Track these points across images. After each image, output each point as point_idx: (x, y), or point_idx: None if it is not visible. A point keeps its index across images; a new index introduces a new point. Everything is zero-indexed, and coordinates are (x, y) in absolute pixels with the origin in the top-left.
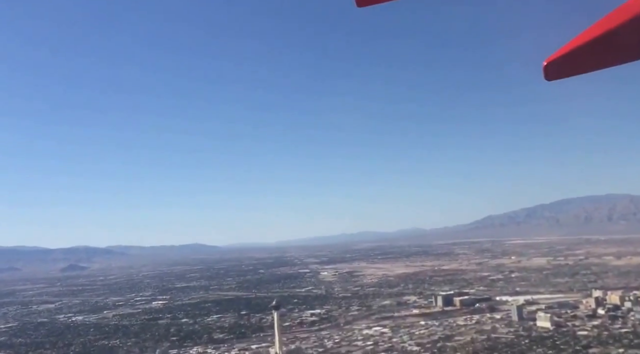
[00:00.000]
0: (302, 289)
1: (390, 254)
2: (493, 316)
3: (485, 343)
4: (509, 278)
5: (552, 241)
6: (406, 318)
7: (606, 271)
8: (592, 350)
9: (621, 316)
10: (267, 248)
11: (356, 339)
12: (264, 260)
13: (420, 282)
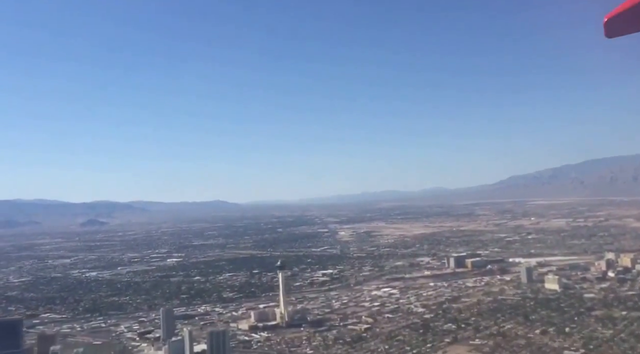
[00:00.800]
0: (317, 248)
1: (411, 214)
2: (503, 278)
3: (490, 304)
4: (525, 240)
5: (575, 202)
6: (417, 279)
7: (624, 233)
8: (595, 312)
9: (630, 279)
10: (289, 206)
11: (364, 300)
12: (284, 219)
13: (436, 243)
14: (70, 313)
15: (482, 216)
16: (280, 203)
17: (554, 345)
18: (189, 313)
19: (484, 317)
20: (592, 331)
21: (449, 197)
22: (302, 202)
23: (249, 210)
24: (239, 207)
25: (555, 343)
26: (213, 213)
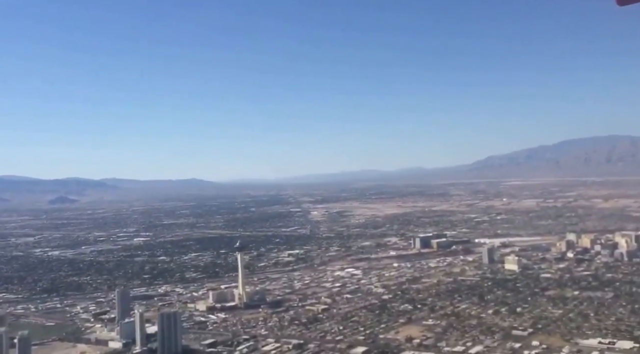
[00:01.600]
0: (288, 228)
1: (386, 194)
2: (466, 259)
3: (449, 285)
4: (494, 220)
5: (549, 182)
6: (382, 259)
7: (590, 214)
8: (548, 292)
9: (588, 259)
10: (266, 185)
11: (326, 281)
12: (259, 198)
13: (407, 223)
14: (27, 293)
15: (456, 196)
16: (258, 182)
17: (504, 325)
18: (149, 294)
19: (441, 297)
20: (542, 311)
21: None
22: (280, 181)
23: (225, 189)
24: (214, 185)
25: (505, 322)
26: (187, 192)
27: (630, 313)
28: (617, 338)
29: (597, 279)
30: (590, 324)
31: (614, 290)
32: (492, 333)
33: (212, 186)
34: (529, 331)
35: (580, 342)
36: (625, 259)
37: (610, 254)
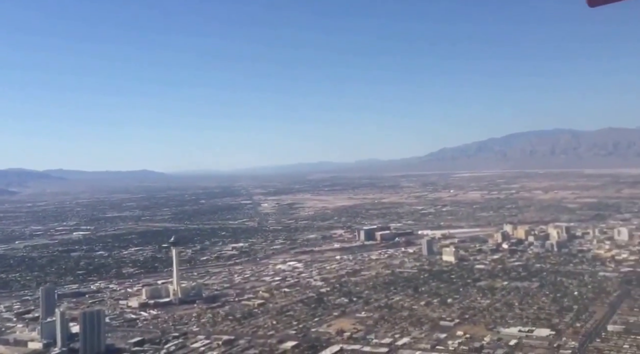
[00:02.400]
0: (236, 221)
1: (339, 186)
2: (407, 250)
3: (387, 277)
4: (440, 212)
5: (496, 174)
6: (325, 252)
7: (530, 205)
8: (480, 283)
9: (521, 250)
10: (220, 177)
11: (266, 275)
12: (211, 189)
13: (355, 215)
14: None
15: (406, 188)
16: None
17: (434, 316)
18: (81, 291)
19: (377, 290)
20: (471, 301)
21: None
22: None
23: (176, 180)
24: (166, 177)
25: (435, 313)
26: (137, 183)
27: (551, 301)
28: (536, 326)
29: (526, 269)
30: (514, 314)
31: (540, 280)
32: (421, 324)
33: (164, 178)
34: (455, 321)
35: (502, 331)
36: (555, 250)
37: (541, 245)
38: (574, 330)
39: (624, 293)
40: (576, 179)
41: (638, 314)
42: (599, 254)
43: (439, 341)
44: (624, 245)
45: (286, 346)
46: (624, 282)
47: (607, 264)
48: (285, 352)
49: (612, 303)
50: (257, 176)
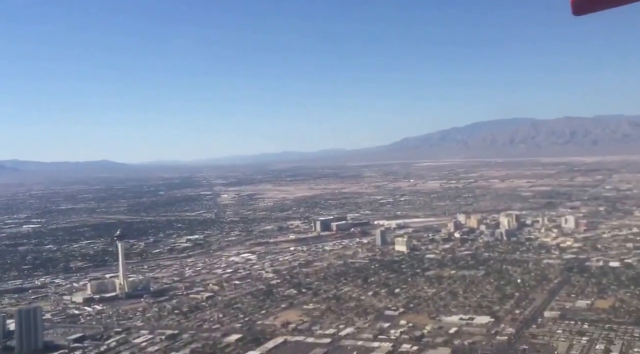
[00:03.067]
0: (193, 212)
1: (301, 176)
2: (361, 241)
3: (338, 268)
4: (398, 202)
5: (456, 163)
6: (280, 243)
7: (486, 194)
8: (429, 272)
9: (472, 239)
10: (182, 167)
11: (218, 267)
12: (171, 180)
13: (314, 206)
14: None
15: (368, 177)
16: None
17: (380, 305)
18: (24, 286)
19: (328, 281)
20: (418, 291)
21: (346, 158)
22: (198, 163)
23: (137, 171)
24: (127, 167)
25: (381, 303)
26: (96, 174)
27: (494, 289)
28: (477, 314)
29: (474, 258)
30: (457, 302)
31: (486, 268)
32: (367, 314)
33: (125, 168)
34: (400, 310)
35: (444, 319)
36: (504, 238)
37: (491, 233)
38: (513, 317)
39: (564, 280)
40: (533, 167)
41: (575, 300)
42: (545, 242)
43: (381, 330)
44: (570, 233)
45: (230, 340)
46: (565, 269)
47: (551, 251)
48: (228, 345)
49: (552, 290)
50: (220, 167)
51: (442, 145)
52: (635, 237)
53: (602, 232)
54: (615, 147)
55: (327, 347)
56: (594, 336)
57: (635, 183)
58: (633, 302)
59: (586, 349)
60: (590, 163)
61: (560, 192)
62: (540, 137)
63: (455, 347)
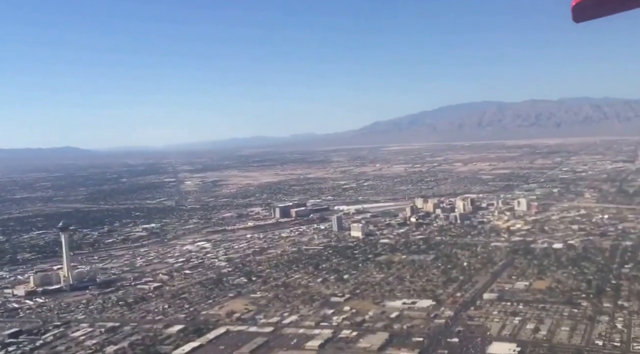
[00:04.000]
0: (154, 200)
1: (269, 162)
2: (318, 227)
3: (292, 255)
4: (361, 187)
5: (424, 147)
6: (237, 231)
7: (447, 178)
8: (380, 258)
9: (427, 223)
10: (150, 153)
11: (171, 257)
12: (136, 167)
13: (277, 192)
14: None
15: (335, 162)
16: (143, 150)
17: (327, 292)
18: None
19: (279, 268)
20: (366, 276)
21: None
22: (167, 149)
23: (102, 158)
24: (92, 154)
25: (329, 290)
26: (59, 161)
27: (441, 273)
28: (421, 298)
29: (427, 242)
30: (403, 287)
31: (436, 252)
32: (313, 301)
33: (90, 155)
34: (346, 297)
35: (387, 304)
36: (458, 222)
37: (446, 217)
38: (453, 300)
39: (508, 262)
40: (497, 150)
41: (514, 282)
42: (496, 225)
43: (325, 317)
44: (522, 215)
45: (172, 331)
46: (511, 252)
47: (501, 234)
48: (169, 337)
49: (495, 272)
50: (188, 152)
51: (411, 129)
52: (581, 219)
53: (551, 214)
54: (577, 129)
55: (268, 336)
56: (527, 316)
57: (590, 165)
58: (569, 282)
59: (517, 329)
60: (552, 145)
61: (519, 175)
62: (506, 120)
63: (393, 331)
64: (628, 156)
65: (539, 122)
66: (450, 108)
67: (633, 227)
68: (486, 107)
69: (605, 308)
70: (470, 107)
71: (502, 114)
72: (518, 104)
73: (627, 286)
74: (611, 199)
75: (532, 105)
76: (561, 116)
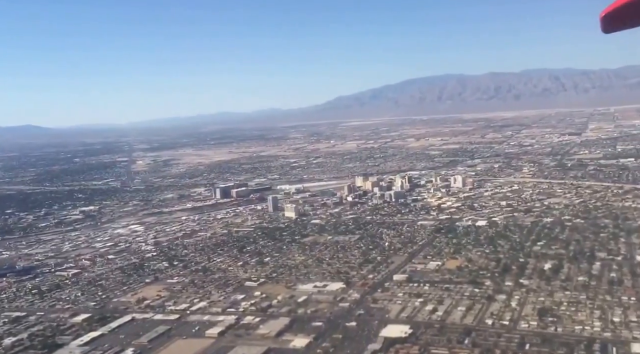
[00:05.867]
0: (100, 181)
1: (227, 139)
2: (255, 208)
3: (221, 237)
4: (309, 165)
5: (384, 122)
6: (175, 213)
7: (396, 154)
8: (306, 239)
9: (362, 203)
10: (111, 131)
11: (99, 241)
12: (93, 146)
13: (226, 171)
14: None
15: (292, 139)
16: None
17: (243, 277)
18: None
19: (204, 252)
20: (287, 259)
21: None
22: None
23: (62, 136)
24: (52, 133)
25: (247, 274)
26: (16, 140)
27: (360, 254)
28: (334, 281)
29: (356, 222)
30: (320, 269)
31: (362, 233)
32: (227, 286)
33: (50, 133)
34: (261, 281)
35: (299, 288)
36: (392, 201)
37: (382, 196)
38: (364, 282)
39: (429, 242)
40: (453, 124)
41: (428, 261)
42: (428, 203)
43: (233, 303)
44: (456, 192)
45: (76, 320)
46: (435, 230)
47: (430, 212)
48: (72, 326)
49: (413, 252)
50: (151, 130)
51: (373, 103)
52: (512, 195)
53: (485, 190)
54: (535, 101)
55: (173, 323)
56: (429, 297)
57: (538, 138)
58: (480, 261)
59: (416, 310)
60: (508, 118)
61: (466, 150)
62: (466, 93)
63: (296, 316)
64: (577, 128)
65: (498, 95)
66: (413, 82)
67: (558, 203)
68: (447, 81)
69: (506, 286)
70: (431, 80)
71: (462, 87)
72: (478, 76)
73: (533, 264)
74: (547, 174)
75: (491, 78)
76: (520, 88)
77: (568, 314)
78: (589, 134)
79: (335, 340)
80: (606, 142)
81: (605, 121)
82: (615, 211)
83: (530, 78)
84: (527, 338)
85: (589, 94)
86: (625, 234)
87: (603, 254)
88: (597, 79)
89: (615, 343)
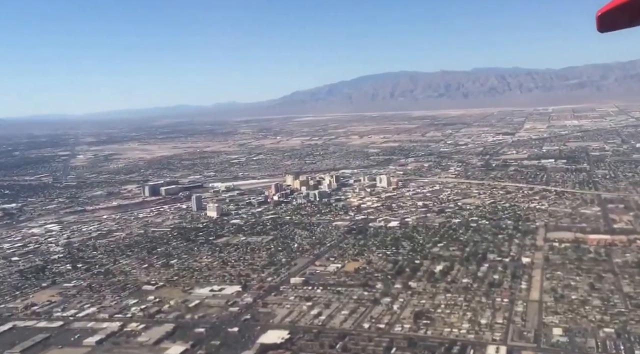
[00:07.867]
0: (33, 176)
1: (176, 133)
2: (180, 206)
3: (134, 238)
4: (249, 162)
5: (336, 118)
6: (98, 211)
7: (336, 152)
8: (220, 240)
9: (286, 202)
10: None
11: (10, 241)
12: (39, 138)
13: (164, 167)
14: None
15: (240, 134)
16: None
17: (144, 280)
18: None
19: (113, 253)
20: (194, 261)
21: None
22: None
23: (9, 128)
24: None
25: (147, 277)
26: None
27: (267, 256)
28: (232, 284)
29: (274, 222)
30: (222, 272)
31: (277, 233)
32: (124, 290)
33: None
34: (159, 284)
35: (196, 292)
36: (316, 200)
37: (306, 195)
38: (261, 285)
39: (337, 243)
40: (400, 121)
41: (329, 264)
42: (350, 203)
43: (124, 308)
44: (379, 192)
45: None
46: (346, 231)
47: (349, 213)
48: None
49: (319, 254)
50: (104, 122)
51: (328, 99)
52: (431, 195)
53: (407, 190)
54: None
55: (54, 331)
56: (319, 301)
57: (474, 137)
58: (378, 263)
59: (301, 314)
60: (454, 116)
61: (404, 149)
62: (417, 91)
63: (182, 322)
64: (513, 128)
65: (448, 92)
66: (368, 78)
67: (471, 204)
68: (400, 78)
69: (394, 289)
70: (386, 77)
71: (414, 84)
72: (430, 74)
73: (427, 266)
74: (470, 174)
75: (443, 76)
76: (469, 87)
77: (442, 316)
78: (522, 134)
79: (211, 347)
80: (535, 143)
81: (540, 121)
82: (520, 212)
83: (478, 77)
84: (395, 341)
85: (532, 93)
86: (521, 236)
87: (494, 256)
88: (540, 80)
89: (475, 345)
